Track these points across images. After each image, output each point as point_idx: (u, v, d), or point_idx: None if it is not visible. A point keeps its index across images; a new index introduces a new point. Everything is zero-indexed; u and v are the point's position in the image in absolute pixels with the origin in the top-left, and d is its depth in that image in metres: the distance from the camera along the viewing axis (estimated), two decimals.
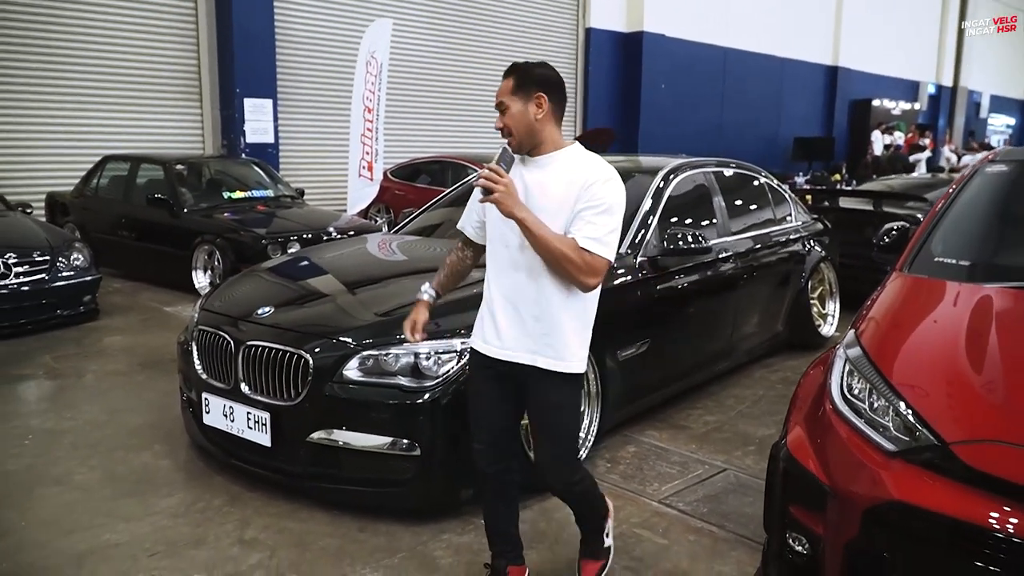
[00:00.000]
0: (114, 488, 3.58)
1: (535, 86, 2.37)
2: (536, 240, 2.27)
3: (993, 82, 28.55)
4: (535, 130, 2.38)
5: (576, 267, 2.29)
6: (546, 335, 2.39)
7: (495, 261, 2.51)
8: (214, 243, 7.47)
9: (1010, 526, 1.93)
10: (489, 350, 2.50)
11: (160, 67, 10.87)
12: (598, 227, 2.30)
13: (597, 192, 2.32)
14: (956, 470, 2.09)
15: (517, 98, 2.38)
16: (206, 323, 3.75)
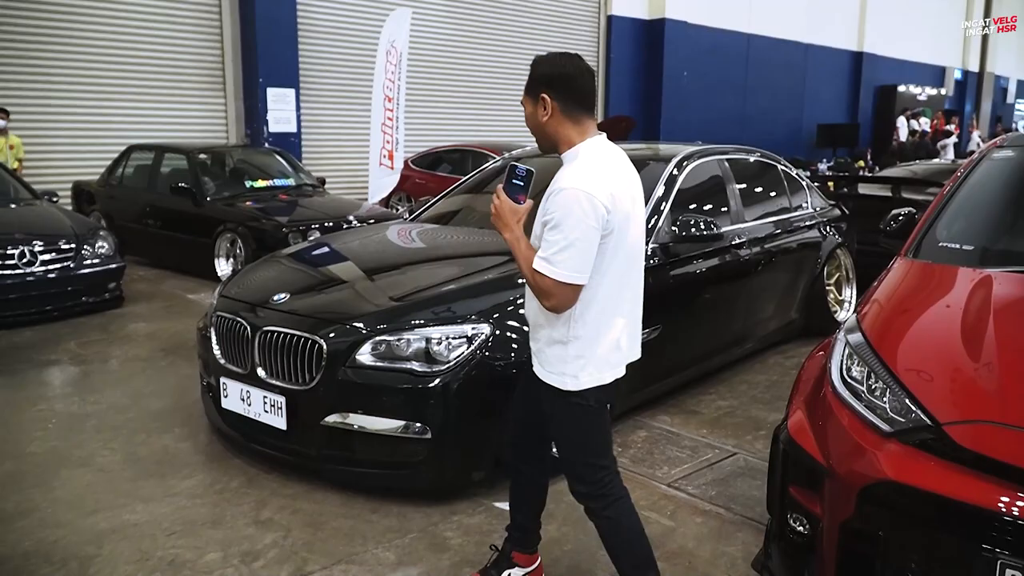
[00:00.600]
0: (135, 470, 3.69)
1: (538, 85, 2.25)
2: (517, 261, 2.23)
3: (1020, 67, 28.08)
4: (546, 132, 2.27)
5: (534, 288, 2.20)
6: (540, 349, 2.35)
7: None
8: (236, 231, 7.59)
9: (1001, 505, 1.95)
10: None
11: (185, 57, 11.01)
12: (547, 245, 2.12)
13: (549, 205, 2.14)
14: (948, 450, 2.12)
15: (528, 99, 2.29)
16: (224, 309, 3.84)
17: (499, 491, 3.44)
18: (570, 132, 2.25)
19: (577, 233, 2.09)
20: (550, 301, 2.16)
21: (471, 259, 4.18)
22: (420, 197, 11.11)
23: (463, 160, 11.29)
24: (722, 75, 17.55)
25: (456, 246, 4.49)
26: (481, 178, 5.46)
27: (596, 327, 2.25)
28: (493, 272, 3.78)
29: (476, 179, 5.46)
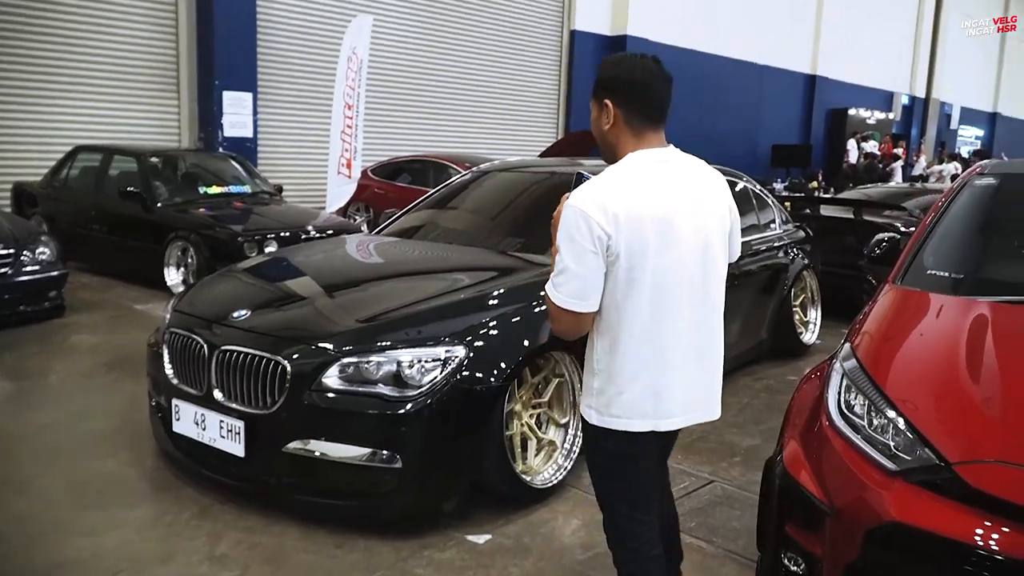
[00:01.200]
0: (77, 498, 3.42)
1: (601, 90, 2.05)
2: None
3: (963, 94, 28.89)
4: (607, 142, 2.07)
5: (549, 316, 2.04)
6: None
7: None
8: (188, 239, 7.28)
9: (1016, 549, 1.86)
10: None
11: (137, 56, 10.63)
12: (554, 266, 1.96)
13: (561, 224, 1.95)
14: (959, 491, 2.02)
15: (593, 102, 2.08)
16: (178, 325, 3.60)
17: (471, 523, 3.28)
18: (628, 145, 2.04)
19: (572, 256, 1.91)
20: (555, 325, 2.03)
21: (442, 276, 4.01)
22: (379, 207, 10.93)
23: (424, 171, 11.09)
24: (681, 93, 17.25)
25: (426, 262, 4.30)
26: (449, 191, 5.29)
27: (622, 364, 2.00)
28: (467, 291, 3.61)
29: (444, 192, 5.29)
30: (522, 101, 15.31)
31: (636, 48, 16.14)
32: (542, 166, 5.58)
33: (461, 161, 10.80)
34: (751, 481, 3.84)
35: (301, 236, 7.47)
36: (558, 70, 15.86)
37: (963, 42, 26.93)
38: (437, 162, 11.06)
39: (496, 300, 3.56)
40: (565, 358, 3.61)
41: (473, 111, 14.52)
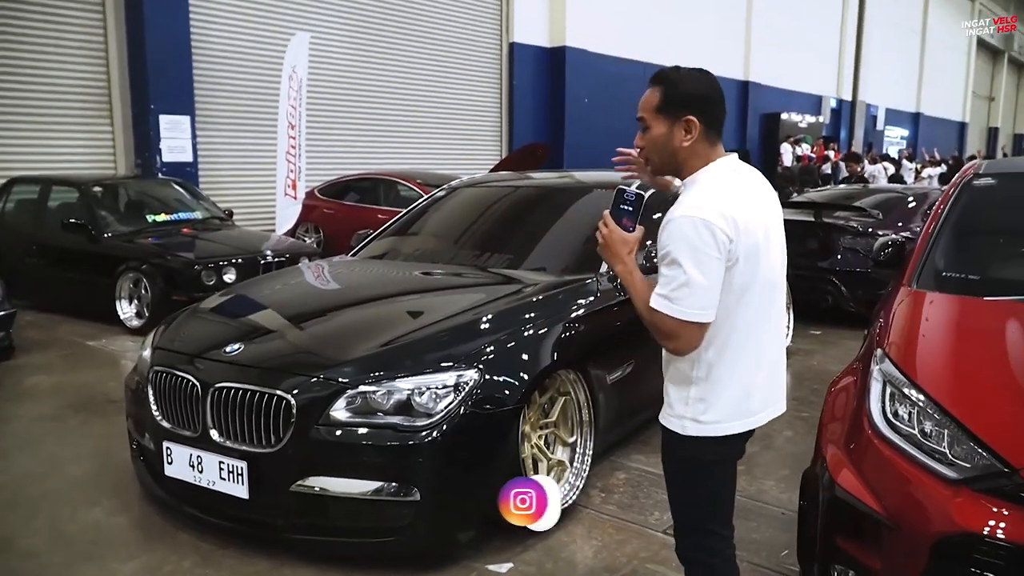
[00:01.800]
0: (67, 552, 3.19)
1: (685, 107, 1.99)
2: (632, 297, 1.99)
3: (888, 96, 29.87)
4: (678, 157, 2.02)
5: (652, 329, 1.96)
6: (665, 388, 2.13)
7: None
8: (140, 270, 6.97)
9: None
10: None
11: (65, 83, 10.18)
12: (666, 280, 1.91)
13: (666, 237, 1.91)
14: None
15: (662, 118, 2.01)
16: (163, 363, 3.40)
17: (487, 552, 3.16)
18: (703, 157, 2.02)
19: (695, 266, 1.87)
20: (672, 343, 1.95)
21: (440, 297, 3.90)
22: (329, 228, 10.71)
23: (373, 189, 10.91)
24: (622, 101, 17.67)
25: (416, 283, 4.17)
26: (423, 209, 5.16)
27: (730, 368, 2.00)
28: (471, 313, 3.50)
29: (419, 210, 5.16)
30: (465, 115, 15.22)
31: (575, 59, 16.30)
32: (513, 180, 5.50)
33: (411, 177, 10.66)
34: (760, 491, 3.82)
35: (259, 260, 7.25)
36: (499, 82, 15.83)
37: (886, 45, 27.89)
38: (387, 179, 10.90)
39: (502, 320, 3.46)
40: (570, 375, 3.54)
41: (416, 126, 14.37)
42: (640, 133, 2.07)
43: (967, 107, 36.83)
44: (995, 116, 41.50)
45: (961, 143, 35.14)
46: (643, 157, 2.12)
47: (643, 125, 2.05)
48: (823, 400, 2.88)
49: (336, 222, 10.55)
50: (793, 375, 5.91)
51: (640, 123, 2.06)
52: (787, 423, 4.83)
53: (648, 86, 2.06)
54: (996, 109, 41.42)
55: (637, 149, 2.13)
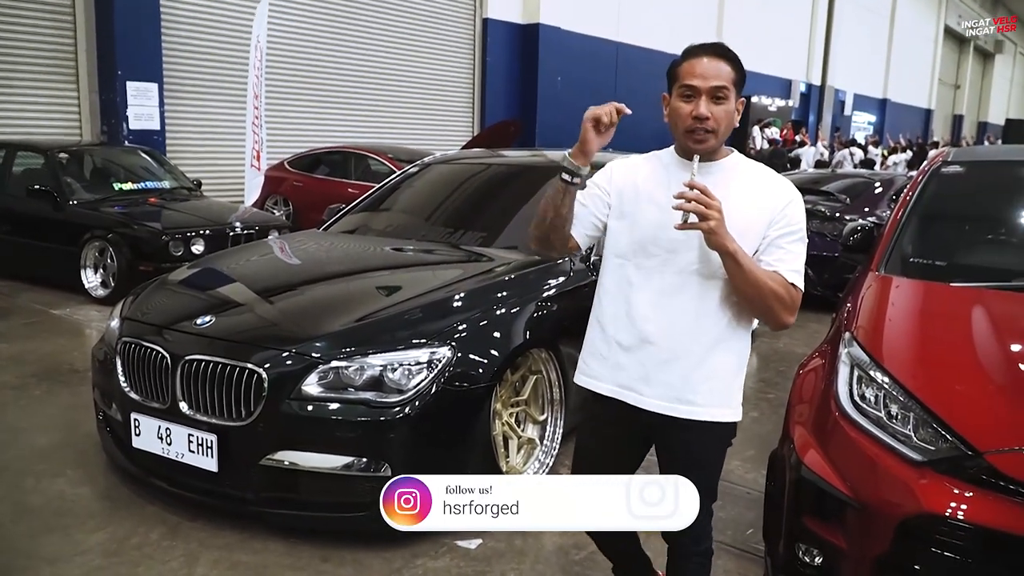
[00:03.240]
0: (31, 523, 3.15)
1: (742, 88, 1.95)
2: (745, 276, 1.85)
3: (855, 82, 30.14)
4: (726, 138, 1.99)
5: (784, 306, 1.91)
6: (705, 378, 2.00)
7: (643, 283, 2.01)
8: (106, 239, 6.85)
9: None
10: (621, 394, 2.07)
11: (31, 46, 9.92)
12: (799, 257, 1.93)
13: (794, 215, 1.94)
14: (992, 480, 2.05)
15: (734, 92, 1.92)
16: (132, 334, 3.35)
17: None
18: None
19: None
20: (794, 317, 1.95)
21: (413, 274, 3.89)
22: (298, 200, 10.59)
23: (343, 162, 10.80)
24: (594, 81, 17.75)
25: (390, 259, 4.13)
26: (396, 184, 5.13)
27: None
28: (446, 290, 3.49)
29: (392, 185, 5.12)
30: (437, 90, 15.10)
31: (548, 36, 16.22)
32: (486, 158, 5.47)
33: (382, 152, 10.57)
34: (727, 470, 3.77)
35: (227, 232, 7.16)
36: (472, 59, 15.72)
37: (855, 31, 28.09)
38: (357, 153, 10.79)
39: (474, 298, 3.46)
40: (542, 354, 3.56)
41: (388, 101, 14.23)
42: (707, 102, 1.89)
43: (933, 94, 37.28)
44: (960, 104, 42.08)
45: (926, 130, 35.58)
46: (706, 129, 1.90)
47: (721, 95, 1.90)
48: (789, 382, 2.92)
49: (305, 195, 10.43)
50: (759, 357, 5.99)
51: (715, 93, 1.89)
52: (753, 404, 4.90)
53: (707, 55, 1.91)
54: (961, 97, 42.00)
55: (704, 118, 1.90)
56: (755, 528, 3.22)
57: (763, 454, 3.77)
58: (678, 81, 1.93)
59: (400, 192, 5.07)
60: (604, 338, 2.09)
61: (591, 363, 2.14)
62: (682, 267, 1.96)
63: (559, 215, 2.00)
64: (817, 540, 2.35)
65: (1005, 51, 44.24)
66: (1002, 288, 2.76)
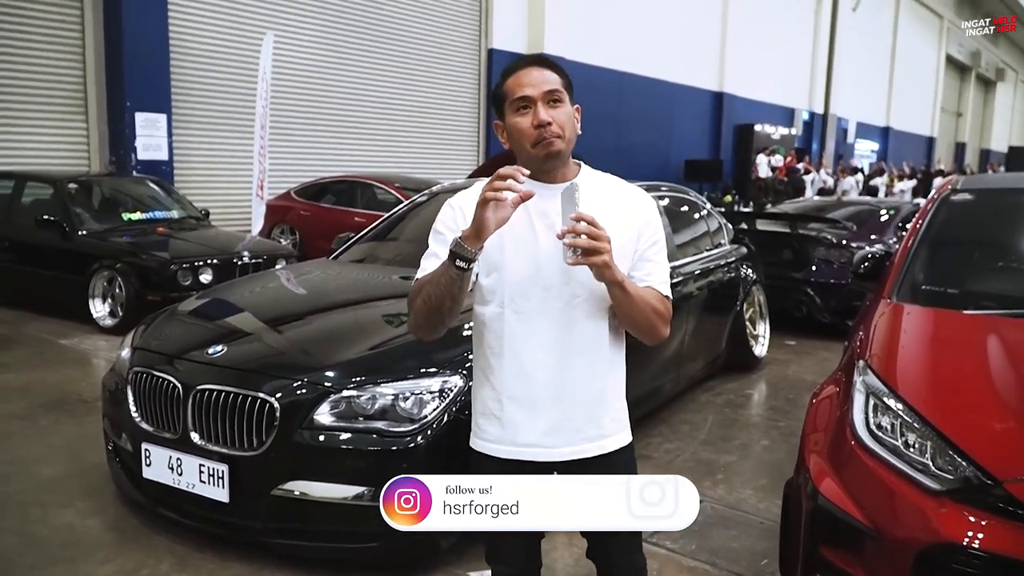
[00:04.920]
0: (37, 555, 3.13)
1: (572, 93, 1.86)
2: (633, 301, 1.76)
3: (858, 110, 30.30)
4: (573, 145, 1.86)
5: (663, 320, 1.85)
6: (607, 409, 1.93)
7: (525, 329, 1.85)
8: (115, 268, 6.88)
9: None
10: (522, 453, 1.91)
11: (41, 77, 10.03)
12: (664, 266, 1.90)
13: (656, 224, 1.89)
14: (1009, 508, 2.03)
15: (568, 96, 1.83)
16: (144, 364, 3.35)
17: (469, 558, 3.15)
18: None
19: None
20: (668, 328, 1.89)
21: None
22: (305, 229, 10.63)
23: (350, 191, 10.86)
24: (597, 110, 17.84)
25: (400, 288, 4.11)
26: (404, 213, 5.14)
27: None
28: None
29: (400, 214, 5.14)
30: (443, 119, 15.21)
31: None
32: None
33: (388, 181, 10.63)
34: (739, 499, 3.85)
35: (235, 261, 7.19)
36: (477, 88, 15.86)
37: (857, 59, 28.26)
38: (364, 182, 10.85)
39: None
40: None
41: (394, 130, 14.34)
42: (544, 108, 1.78)
43: (935, 122, 37.46)
44: (963, 131, 42.24)
45: (929, 158, 35.68)
46: (552, 135, 1.79)
47: (555, 99, 1.80)
48: (801, 409, 2.91)
49: (312, 224, 10.48)
50: (768, 384, 5.98)
51: (550, 98, 1.79)
52: (764, 432, 4.88)
53: (530, 66, 1.82)
54: (964, 125, 42.16)
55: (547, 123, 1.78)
56: (769, 558, 3.18)
57: (775, 483, 3.76)
58: (509, 98, 1.81)
59: (408, 221, 5.08)
60: (495, 396, 1.91)
61: (484, 426, 1.96)
62: (565, 301, 1.82)
63: (456, 300, 1.77)
64: (834, 570, 2.32)
65: (1007, 79, 44.54)
66: (1015, 316, 2.75)
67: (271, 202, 10.49)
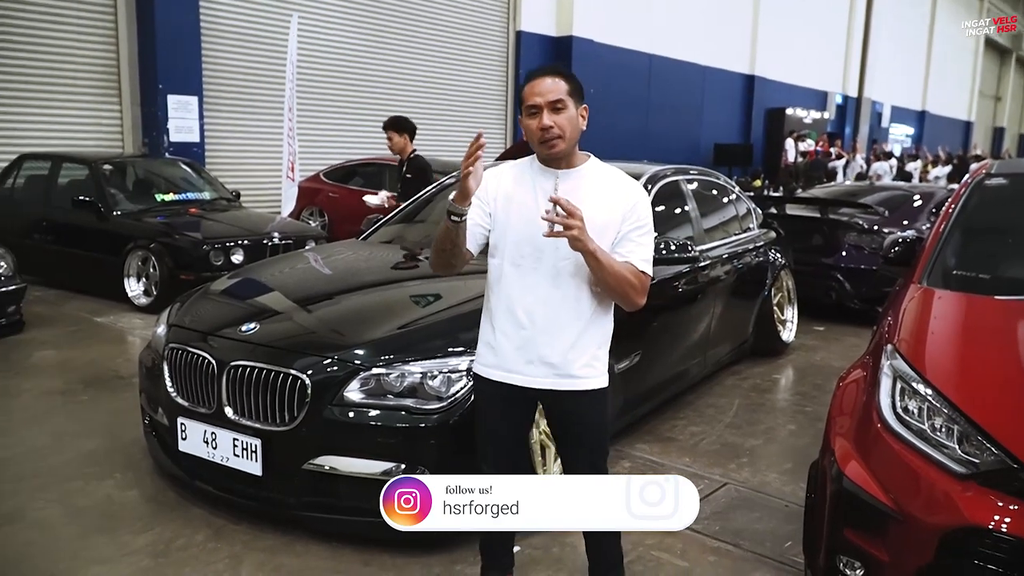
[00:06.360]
0: (79, 525, 3.23)
1: (581, 98, 2.32)
2: (604, 269, 2.20)
3: (893, 94, 29.83)
4: (576, 141, 2.33)
5: (636, 290, 2.28)
6: (584, 353, 2.34)
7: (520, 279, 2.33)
8: (148, 248, 7.01)
9: None
10: (508, 377, 2.38)
11: (75, 61, 10.18)
12: (646, 248, 2.31)
13: (642, 212, 2.32)
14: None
15: (572, 101, 2.28)
16: (180, 341, 3.43)
17: None
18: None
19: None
20: (643, 299, 2.30)
21: (453, 283, 3.90)
22: (333, 212, 10.72)
23: (379, 174, 10.89)
24: (626, 93, 17.79)
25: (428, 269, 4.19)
26: (433, 195, 5.18)
27: None
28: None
29: (430, 196, 5.18)
30: (470, 102, 15.21)
31: (581, 49, 16.27)
32: None
33: None
34: (763, 482, 3.87)
35: (265, 242, 7.28)
36: (505, 71, 15.82)
37: (893, 42, 27.82)
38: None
39: None
40: None
41: (422, 113, 14.32)
42: (549, 114, 2.23)
43: (973, 106, 36.77)
44: (1001, 116, 41.43)
45: (966, 142, 35.09)
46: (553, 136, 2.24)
47: (559, 106, 2.24)
48: (828, 395, 2.91)
49: (340, 206, 10.54)
50: (795, 370, 5.96)
51: (554, 106, 2.23)
52: (790, 417, 4.88)
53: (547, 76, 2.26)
54: (1003, 109, 41.35)
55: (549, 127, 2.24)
56: (793, 540, 3.20)
57: (800, 467, 3.77)
58: (523, 104, 2.28)
59: (436, 203, 5.12)
60: (491, 330, 2.39)
61: (483, 352, 2.44)
62: (551, 263, 2.27)
63: (456, 244, 2.28)
64: (858, 552, 2.34)
65: None
66: None
67: (300, 184, 10.57)
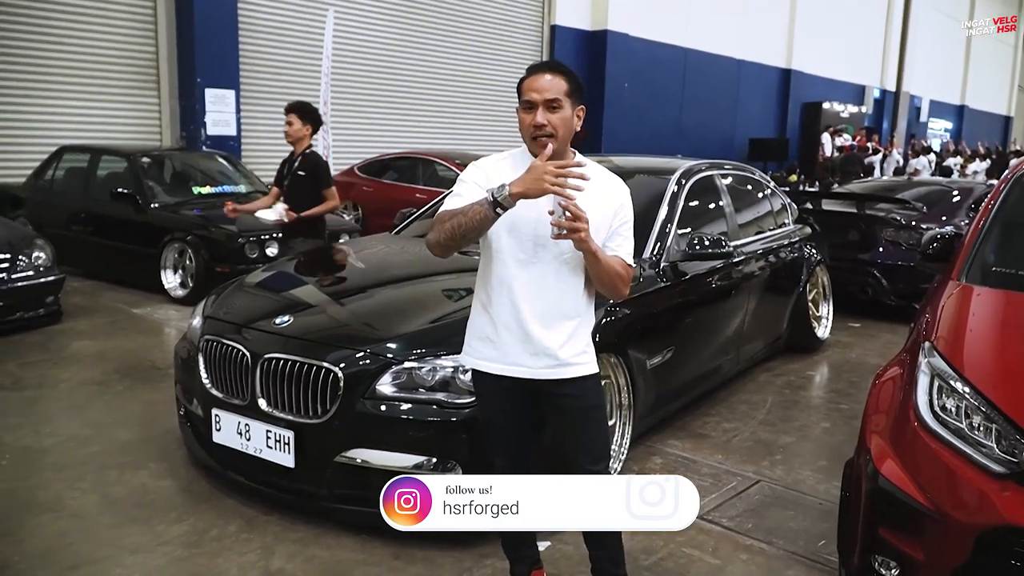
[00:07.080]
0: (114, 514, 3.28)
1: (580, 99, 2.31)
2: (601, 266, 2.24)
3: (932, 88, 29.29)
4: (568, 141, 2.32)
5: (624, 282, 2.35)
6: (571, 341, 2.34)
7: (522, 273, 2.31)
8: (185, 241, 7.10)
9: None
10: (511, 370, 2.37)
11: (115, 54, 10.37)
12: (631, 241, 2.39)
13: (628, 208, 2.38)
14: None
15: (569, 102, 2.26)
16: (215, 333, 3.47)
17: None
18: None
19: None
20: (628, 288, 2.40)
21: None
22: (367, 205, 10.78)
23: (412, 168, 10.95)
24: (660, 87, 17.69)
25: (462, 263, 4.16)
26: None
27: None
28: None
29: None
30: (504, 96, 15.19)
31: (616, 43, 16.19)
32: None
33: (450, 158, 10.67)
34: (797, 480, 3.83)
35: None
36: None
37: (932, 36, 27.32)
38: (425, 159, 10.93)
39: None
40: (611, 359, 3.56)
41: (456, 106, 14.40)
42: (544, 112, 2.21)
43: (1012, 101, 35.99)
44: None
45: (1006, 137, 34.35)
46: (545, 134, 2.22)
47: (555, 106, 2.21)
48: (863, 392, 2.87)
49: (374, 200, 10.60)
50: (830, 367, 5.89)
51: (550, 105, 2.21)
52: (824, 415, 4.82)
53: (548, 74, 2.24)
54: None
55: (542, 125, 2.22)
56: (827, 539, 3.16)
57: (835, 465, 3.72)
58: (521, 96, 2.27)
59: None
60: (491, 324, 2.36)
61: (479, 347, 2.41)
62: (553, 256, 2.28)
63: (480, 235, 2.25)
64: (893, 551, 2.31)
65: None
66: None
67: (335, 178, 10.64)
